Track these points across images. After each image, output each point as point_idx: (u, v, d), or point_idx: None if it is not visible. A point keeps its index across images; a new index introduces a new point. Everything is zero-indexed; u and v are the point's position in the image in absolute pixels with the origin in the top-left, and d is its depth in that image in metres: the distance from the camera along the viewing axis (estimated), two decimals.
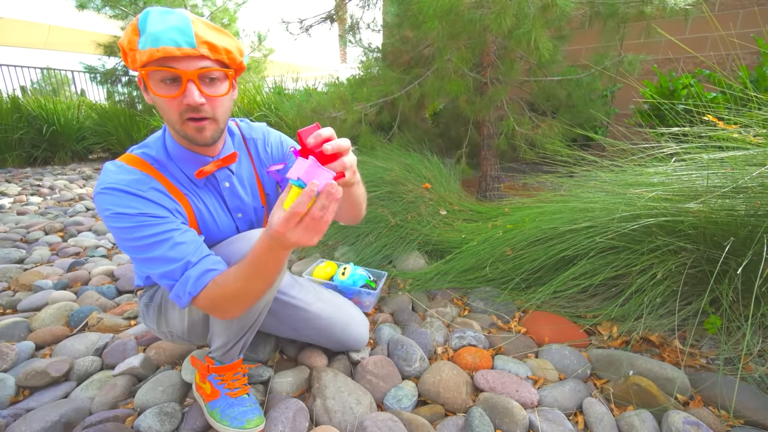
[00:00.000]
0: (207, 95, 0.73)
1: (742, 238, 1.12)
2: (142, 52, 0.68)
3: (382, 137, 2.87)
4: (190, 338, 0.98)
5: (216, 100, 0.75)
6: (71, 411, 0.93)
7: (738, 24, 3.12)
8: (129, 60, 0.72)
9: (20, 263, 1.92)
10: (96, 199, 0.74)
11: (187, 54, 0.68)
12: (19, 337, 1.27)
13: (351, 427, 0.90)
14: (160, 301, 0.94)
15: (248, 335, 0.93)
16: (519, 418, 0.91)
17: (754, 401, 0.94)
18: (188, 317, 0.90)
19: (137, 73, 0.72)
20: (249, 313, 0.86)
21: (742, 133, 1.25)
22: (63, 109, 5.35)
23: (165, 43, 0.67)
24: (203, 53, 0.70)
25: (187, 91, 0.70)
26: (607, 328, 1.29)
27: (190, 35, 0.69)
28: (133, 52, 0.70)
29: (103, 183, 0.75)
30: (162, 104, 0.73)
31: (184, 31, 0.68)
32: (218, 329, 0.89)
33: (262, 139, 1.01)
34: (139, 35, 0.69)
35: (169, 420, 0.91)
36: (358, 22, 3.20)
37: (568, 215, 1.48)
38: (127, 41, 0.70)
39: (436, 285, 1.63)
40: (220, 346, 0.91)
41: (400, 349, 1.16)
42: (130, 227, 0.73)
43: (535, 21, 1.85)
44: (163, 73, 0.69)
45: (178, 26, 0.68)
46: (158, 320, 0.96)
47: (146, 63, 0.68)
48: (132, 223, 0.73)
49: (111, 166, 0.79)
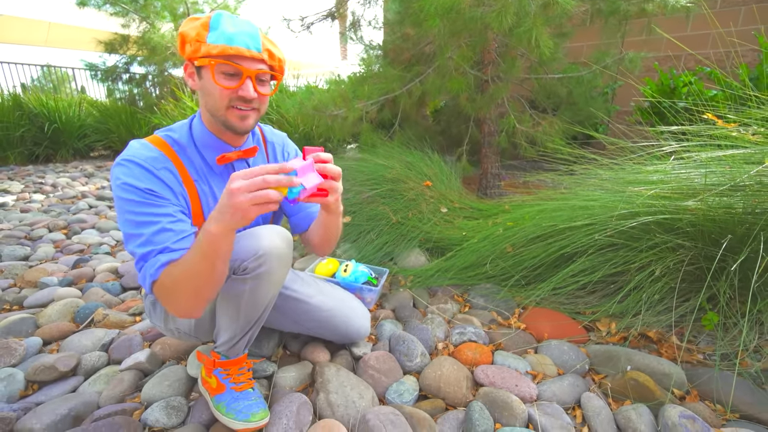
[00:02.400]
0: (258, 92, 0.84)
1: (739, 235, 1.13)
2: (212, 46, 0.78)
3: (383, 135, 2.88)
4: (197, 334, 1.00)
5: (263, 97, 0.87)
6: (80, 404, 0.96)
7: (739, 21, 3.11)
8: (189, 49, 0.80)
9: (25, 260, 1.94)
10: (113, 169, 0.80)
11: (253, 56, 0.81)
12: (26, 332, 1.29)
13: (354, 420, 0.92)
14: None
15: (253, 330, 0.95)
16: (518, 411, 0.93)
17: (749, 396, 0.96)
18: None
19: (190, 60, 0.83)
20: (254, 308, 0.88)
21: (740, 132, 1.26)
22: (64, 107, 5.36)
23: (238, 43, 0.79)
24: (263, 58, 0.84)
25: (245, 85, 0.81)
26: (605, 325, 1.31)
27: (258, 42, 0.82)
28: (199, 43, 0.79)
29: (123, 155, 0.81)
30: (214, 91, 0.82)
31: (255, 38, 0.82)
32: (224, 324, 0.91)
33: (281, 144, 1.09)
34: (209, 31, 0.79)
35: (176, 413, 0.94)
36: (359, 19, 3.20)
37: (568, 213, 1.49)
38: (195, 33, 0.79)
39: (437, 282, 1.64)
40: (226, 340, 0.93)
41: (402, 345, 1.18)
42: (134, 200, 0.77)
43: (536, 19, 1.85)
44: (230, 67, 0.80)
45: (250, 32, 0.81)
46: (165, 318, 0.98)
47: (216, 56, 0.79)
48: (137, 197, 0.77)
49: (135, 143, 0.85)
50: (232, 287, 0.84)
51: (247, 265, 0.81)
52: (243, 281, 0.83)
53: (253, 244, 0.81)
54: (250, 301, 0.86)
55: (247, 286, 0.83)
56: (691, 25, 3.25)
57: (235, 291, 0.85)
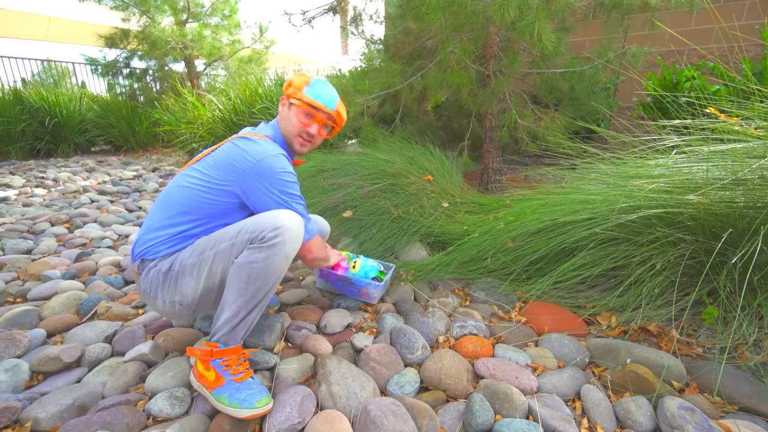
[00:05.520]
0: (320, 133, 1.24)
1: (740, 229, 1.13)
2: (306, 96, 1.17)
3: (385, 129, 2.88)
4: (198, 306, 1.04)
5: (321, 137, 1.26)
6: (84, 395, 0.97)
7: (743, 16, 3.09)
8: (290, 90, 1.19)
9: (28, 254, 1.95)
10: (271, 160, 1.06)
11: (327, 112, 1.20)
12: (30, 324, 1.30)
13: (355, 411, 0.93)
14: (179, 269, 1.02)
15: (255, 312, 0.98)
16: (518, 403, 0.94)
17: (748, 388, 0.97)
18: (204, 282, 1.00)
19: (291, 98, 1.19)
20: (264, 280, 0.96)
21: (743, 126, 1.26)
22: (65, 101, 5.35)
23: (323, 102, 1.19)
24: (333, 115, 1.22)
25: (313, 127, 1.21)
26: (606, 318, 1.31)
27: (334, 105, 1.21)
28: (298, 91, 1.18)
29: (271, 151, 1.08)
30: (296, 124, 1.19)
31: (333, 101, 1.21)
32: (230, 299, 0.95)
33: None
34: (308, 86, 1.18)
35: (179, 404, 0.94)
36: (360, 13, 3.18)
37: (569, 207, 1.49)
38: (298, 83, 1.19)
39: (438, 276, 1.65)
40: (228, 318, 0.96)
41: (403, 338, 1.19)
42: (294, 183, 1.11)
43: (538, 12, 1.84)
44: (311, 114, 1.19)
45: (332, 98, 1.21)
46: (171, 289, 1.03)
47: (308, 103, 1.17)
48: (294, 180, 1.12)
49: (265, 143, 1.10)
50: (247, 256, 0.95)
51: (265, 234, 0.94)
52: (259, 250, 0.94)
53: (273, 217, 0.97)
54: (261, 272, 0.94)
55: (263, 254, 0.94)
56: (695, 20, 3.22)
57: (249, 260, 0.94)
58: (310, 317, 1.36)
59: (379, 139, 2.73)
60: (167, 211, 1.08)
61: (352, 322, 1.35)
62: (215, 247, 0.99)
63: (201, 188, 1.07)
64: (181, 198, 1.07)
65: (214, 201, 1.07)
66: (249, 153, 1.06)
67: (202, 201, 1.07)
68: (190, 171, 1.12)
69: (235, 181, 1.06)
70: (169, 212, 1.07)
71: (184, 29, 6.14)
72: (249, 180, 1.05)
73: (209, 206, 1.07)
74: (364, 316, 1.39)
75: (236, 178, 1.06)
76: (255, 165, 1.05)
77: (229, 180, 1.06)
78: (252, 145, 1.08)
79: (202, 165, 1.11)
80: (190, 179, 1.09)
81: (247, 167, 1.05)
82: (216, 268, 0.99)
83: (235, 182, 1.06)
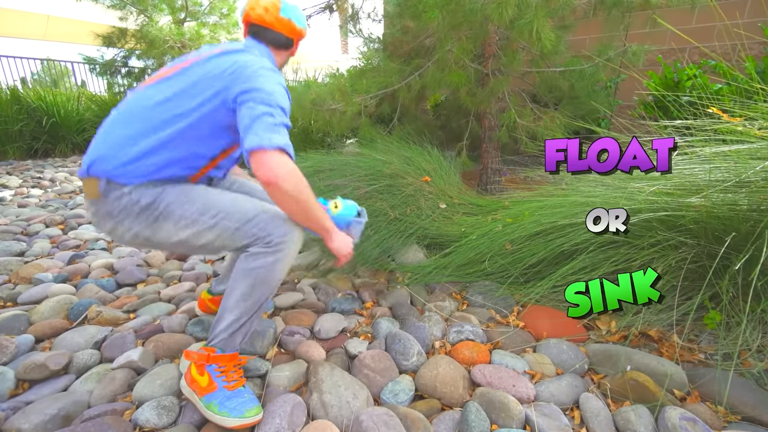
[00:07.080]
0: None
1: (743, 233, 1.10)
2: (297, 28, 1.21)
3: (382, 129, 2.85)
4: (161, 246, 0.99)
5: None
6: (70, 404, 0.94)
7: (746, 13, 3.05)
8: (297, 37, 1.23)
9: (21, 256, 1.93)
10: (265, 73, 0.97)
11: None
12: (18, 330, 1.27)
13: (347, 421, 0.91)
14: (164, 210, 0.93)
15: (254, 317, 0.98)
16: (515, 412, 0.92)
17: (751, 397, 0.94)
18: (188, 239, 0.95)
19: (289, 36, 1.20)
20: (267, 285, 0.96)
21: (746, 126, 1.23)
22: (63, 101, 5.32)
23: (304, 25, 1.26)
24: None
25: None
26: (605, 323, 1.29)
27: None
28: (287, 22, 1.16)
29: (266, 66, 0.99)
30: None
31: None
32: (232, 303, 0.96)
33: None
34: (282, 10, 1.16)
35: (167, 413, 0.92)
36: (358, 11, 3.15)
37: (569, 209, 1.47)
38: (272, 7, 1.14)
39: (435, 279, 1.62)
40: (230, 323, 0.95)
41: (398, 344, 1.16)
42: (287, 95, 1.01)
43: (537, 11, 1.81)
44: None
45: None
46: (146, 224, 0.93)
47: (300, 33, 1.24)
48: (285, 92, 1.00)
49: (262, 60, 1.02)
50: (254, 258, 0.95)
51: (273, 239, 0.95)
52: (265, 254, 0.94)
53: (286, 224, 0.98)
54: (266, 277, 0.95)
55: (269, 259, 0.94)
56: (696, 17, 3.19)
57: (255, 264, 0.94)
58: (303, 322, 1.33)
59: (376, 138, 2.69)
60: (139, 129, 0.93)
61: (346, 326, 1.32)
62: (217, 218, 0.94)
63: (185, 113, 0.94)
64: (159, 121, 0.93)
65: (197, 125, 0.95)
66: (251, 61, 0.98)
67: (186, 127, 0.94)
68: (164, 89, 0.97)
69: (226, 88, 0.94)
70: (143, 130, 0.93)
71: (182, 28, 6.11)
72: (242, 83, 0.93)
73: (192, 130, 0.95)
74: (359, 320, 1.37)
75: (228, 83, 0.94)
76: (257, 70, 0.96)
77: (216, 90, 0.94)
78: (256, 62, 1.00)
79: (178, 83, 0.97)
80: (168, 102, 0.95)
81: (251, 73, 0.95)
82: (206, 237, 0.95)
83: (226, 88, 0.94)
